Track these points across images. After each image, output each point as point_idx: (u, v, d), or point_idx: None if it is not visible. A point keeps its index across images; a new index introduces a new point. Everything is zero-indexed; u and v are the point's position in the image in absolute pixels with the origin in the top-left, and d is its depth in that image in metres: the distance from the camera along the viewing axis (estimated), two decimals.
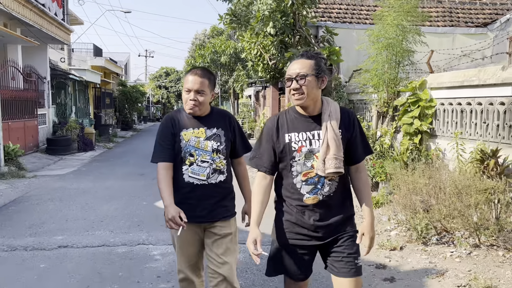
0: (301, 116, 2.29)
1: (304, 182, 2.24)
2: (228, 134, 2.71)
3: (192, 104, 2.58)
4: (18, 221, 5.95)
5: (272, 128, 2.32)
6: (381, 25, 7.89)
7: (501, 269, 4.03)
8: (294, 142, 2.26)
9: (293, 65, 2.25)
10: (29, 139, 12.78)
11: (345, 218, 2.32)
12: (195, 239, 2.69)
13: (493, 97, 5.85)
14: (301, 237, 2.29)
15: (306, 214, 2.27)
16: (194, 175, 2.62)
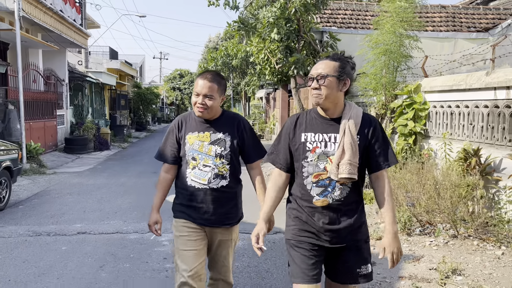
0: (321, 117, 2.28)
1: (314, 184, 2.22)
2: (235, 139, 2.67)
3: (200, 108, 2.59)
4: (41, 211, 6.55)
5: (290, 126, 2.32)
6: (379, 32, 8.34)
7: (472, 255, 4.46)
8: (310, 142, 2.24)
9: (317, 65, 2.25)
10: (48, 138, 13.49)
11: (355, 225, 2.27)
12: (196, 237, 2.67)
13: (478, 100, 6.27)
14: (310, 235, 2.27)
15: (315, 216, 2.24)
16: (196, 179, 2.63)
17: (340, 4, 13.46)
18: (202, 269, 2.62)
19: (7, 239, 5.13)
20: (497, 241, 4.80)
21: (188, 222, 2.66)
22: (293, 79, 10.74)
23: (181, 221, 2.68)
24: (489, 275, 3.97)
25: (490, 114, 5.98)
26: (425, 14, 13.32)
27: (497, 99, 5.84)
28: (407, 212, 5.23)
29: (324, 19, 12.46)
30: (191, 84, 58.91)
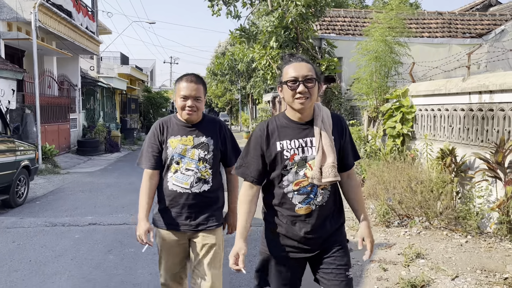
0: (292, 122, 2.19)
1: (296, 191, 2.14)
2: (218, 143, 2.67)
3: (190, 111, 2.56)
4: (56, 206, 7.21)
5: (261, 136, 2.19)
6: (369, 39, 8.89)
7: (438, 243, 4.99)
8: (286, 150, 2.14)
9: (297, 67, 2.12)
10: (62, 141, 14.23)
11: (336, 228, 2.24)
12: (178, 248, 2.66)
13: (456, 104, 6.78)
14: (291, 250, 2.20)
15: (297, 225, 2.16)
16: (177, 183, 2.59)
17: (339, 11, 14.02)
18: (183, 272, 2.71)
19: (26, 228, 5.77)
20: (464, 231, 5.31)
21: (169, 232, 2.63)
22: None
23: (162, 232, 2.66)
24: (448, 258, 4.50)
25: (465, 116, 6.49)
26: (421, 21, 13.82)
27: (471, 103, 6.35)
28: (385, 206, 5.76)
29: (323, 26, 13.02)
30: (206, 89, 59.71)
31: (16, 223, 5.99)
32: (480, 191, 5.65)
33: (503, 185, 5.15)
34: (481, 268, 4.24)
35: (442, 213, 5.40)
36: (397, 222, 5.88)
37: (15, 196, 7.04)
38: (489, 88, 5.92)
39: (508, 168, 5.21)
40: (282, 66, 2.22)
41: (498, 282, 3.91)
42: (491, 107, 5.92)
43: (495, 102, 5.84)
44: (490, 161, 5.31)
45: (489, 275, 4.08)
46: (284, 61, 2.24)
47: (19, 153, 7.18)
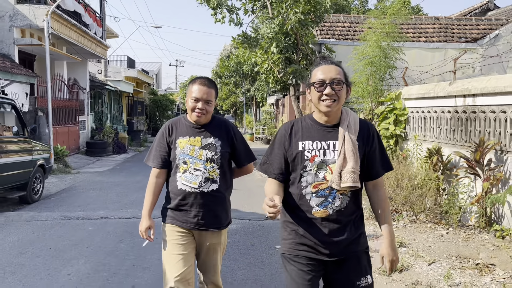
0: (318, 124, 2.18)
1: (314, 194, 2.12)
2: (225, 144, 2.72)
3: (199, 113, 2.63)
4: (69, 202, 7.72)
5: (285, 135, 2.21)
6: (365, 45, 9.35)
7: (421, 234, 5.43)
8: (308, 151, 2.14)
9: (326, 69, 2.13)
10: (72, 142, 14.78)
11: (355, 236, 2.18)
12: (184, 243, 2.69)
13: (443, 106, 7.23)
14: (308, 249, 2.16)
15: (314, 228, 2.14)
16: (186, 182, 2.66)
17: (339, 17, 14.49)
18: (190, 273, 2.65)
19: (44, 221, 6.28)
20: (447, 224, 5.75)
21: (176, 227, 2.69)
22: (292, 87, 11.78)
23: (170, 226, 2.71)
24: (428, 247, 4.94)
25: (452, 118, 6.94)
26: (419, 26, 14.25)
27: (457, 105, 6.80)
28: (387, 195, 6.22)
29: (323, 32, 13.49)
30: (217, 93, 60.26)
31: (34, 217, 6.50)
32: (463, 187, 6.11)
33: (482, 182, 5.60)
34: (456, 255, 4.69)
35: (428, 208, 5.84)
36: None
37: (32, 193, 7.55)
38: (471, 92, 6.37)
39: (487, 165, 5.66)
40: (312, 69, 2.20)
41: (470, 267, 4.35)
42: (474, 109, 6.36)
43: (477, 104, 6.29)
44: (470, 159, 5.76)
45: (463, 261, 4.53)
46: (314, 63, 2.22)
47: (35, 152, 7.69)
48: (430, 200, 6.26)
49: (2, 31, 11.69)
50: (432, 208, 6.09)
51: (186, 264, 2.63)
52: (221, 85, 29.55)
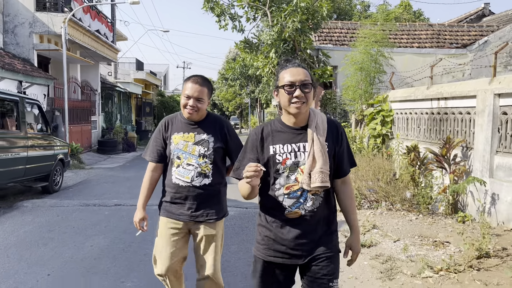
0: (287, 127, 2.20)
1: (286, 195, 2.16)
2: (218, 140, 2.79)
3: (190, 110, 2.71)
4: (86, 193, 8.61)
5: (256, 139, 2.23)
6: (356, 52, 10.17)
7: (393, 219, 6.23)
8: (279, 154, 2.17)
9: (294, 71, 2.15)
10: (84, 140, 15.71)
11: (327, 235, 2.23)
12: (177, 238, 2.80)
13: (422, 108, 8.02)
14: (280, 255, 2.20)
15: (286, 229, 2.17)
16: (180, 176, 2.76)
17: (337, 23, 15.30)
18: (178, 265, 2.82)
19: (66, 207, 7.16)
20: (418, 211, 6.55)
21: (171, 220, 2.81)
22: None
23: (165, 219, 2.84)
24: (396, 229, 5.75)
25: (429, 119, 7.74)
26: (413, 32, 15.03)
27: (433, 107, 7.60)
28: (355, 191, 7.03)
29: (321, 37, 14.32)
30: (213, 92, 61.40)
31: (57, 203, 7.39)
32: (435, 180, 6.90)
33: (448, 174, 6.40)
34: (419, 235, 5.48)
35: (404, 198, 6.64)
36: (367, 205, 7.13)
37: (53, 184, 8.44)
38: (443, 95, 7.18)
39: (453, 160, 6.45)
40: (278, 71, 2.23)
41: (428, 244, 5.15)
42: (445, 111, 7.16)
43: (448, 107, 7.09)
44: (438, 155, 6.55)
45: (423, 239, 5.32)
46: (280, 66, 2.25)
47: (56, 148, 8.58)
48: (408, 192, 7.06)
49: (22, 37, 12.66)
50: (409, 198, 6.89)
51: (173, 258, 2.78)
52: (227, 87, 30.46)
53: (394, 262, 4.59)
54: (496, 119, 5.82)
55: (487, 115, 5.92)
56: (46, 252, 4.85)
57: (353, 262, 2.40)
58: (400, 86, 11.01)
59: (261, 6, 11.63)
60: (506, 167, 5.64)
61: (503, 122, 5.72)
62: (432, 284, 4.00)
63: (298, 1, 10.85)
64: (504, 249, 4.76)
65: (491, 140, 5.85)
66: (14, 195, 8.15)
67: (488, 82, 6.06)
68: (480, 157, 6.06)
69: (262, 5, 11.63)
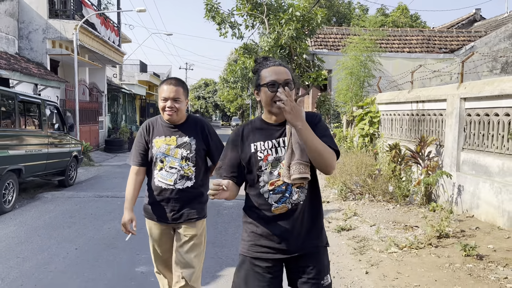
0: (267, 124, 2.22)
1: (271, 191, 2.16)
2: (200, 142, 2.81)
3: (169, 111, 2.72)
4: (98, 186, 9.44)
5: (237, 139, 2.25)
6: (347, 57, 10.98)
7: (372, 208, 7.04)
8: (260, 151, 2.18)
9: (276, 70, 2.14)
10: (92, 140, 16.55)
11: (314, 230, 2.22)
12: (165, 237, 2.88)
13: (404, 110, 8.83)
14: (266, 250, 2.19)
15: (273, 225, 2.18)
16: (162, 179, 2.78)
17: (332, 29, 16.10)
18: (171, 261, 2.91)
19: (82, 198, 8.00)
20: (396, 202, 7.35)
21: (155, 223, 2.89)
22: None
23: (150, 222, 2.93)
24: (374, 216, 6.56)
25: (409, 120, 8.55)
26: (404, 37, 15.83)
27: (413, 109, 8.40)
28: (340, 185, 7.85)
29: (317, 42, 15.12)
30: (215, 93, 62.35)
31: (74, 195, 8.23)
32: (413, 174, 7.70)
33: (422, 169, 7.21)
34: (393, 221, 6.29)
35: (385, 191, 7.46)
36: (352, 197, 7.95)
37: (68, 178, 9.28)
38: (421, 98, 7.99)
39: (426, 156, 7.26)
40: (258, 69, 2.20)
41: (399, 228, 5.96)
42: (423, 112, 7.97)
43: (425, 109, 7.90)
44: (414, 152, 7.36)
45: (396, 224, 6.13)
46: (259, 64, 2.23)
47: (71, 146, 9.42)
48: (390, 186, 7.87)
49: (36, 42, 13.52)
50: (390, 192, 7.69)
51: (165, 255, 2.93)
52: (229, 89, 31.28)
53: (367, 241, 5.41)
54: (462, 120, 6.63)
55: (455, 116, 6.72)
56: (71, 233, 5.68)
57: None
58: (390, 89, 11.81)
59: (259, 15, 12.45)
60: (470, 162, 6.44)
61: (468, 122, 6.52)
62: (395, 257, 4.81)
63: (294, 10, 11.68)
64: (463, 231, 5.57)
65: (458, 138, 6.66)
66: (33, 188, 8.99)
67: (456, 88, 6.87)
68: (449, 153, 6.87)
69: (260, 13, 12.45)
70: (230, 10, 12.53)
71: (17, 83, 10.74)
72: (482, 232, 5.50)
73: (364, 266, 4.57)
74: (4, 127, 6.86)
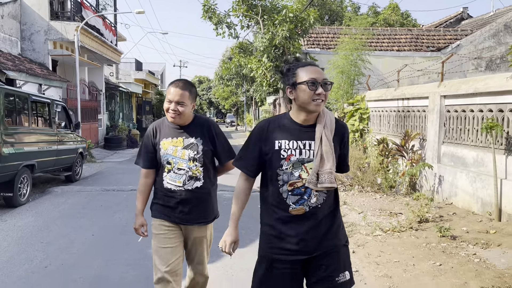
0: (295, 123, 2.19)
1: (290, 192, 2.14)
2: (207, 143, 2.81)
3: (172, 114, 2.72)
4: (103, 181, 9.96)
5: (262, 133, 2.24)
6: (337, 56, 11.55)
7: (361, 198, 7.62)
8: (284, 149, 2.15)
9: (316, 70, 2.15)
10: (92, 137, 17.02)
11: (332, 231, 2.21)
12: (172, 235, 2.83)
13: (391, 107, 9.42)
14: (284, 252, 2.17)
15: (290, 226, 2.16)
16: (171, 181, 2.78)
17: (324, 29, 16.66)
18: (178, 265, 2.79)
19: (90, 192, 8.52)
20: (383, 192, 7.94)
21: (165, 221, 2.83)
22: (282, 90, 14.00)
23: (159, 220, 2.85)
24: (362, 205, 7.14)
25: (396, 116, 9.14)
26: (393, 36, 16.42)
27: (399, 106, 8.99)
28: None
29: (310, 42, 15.68)
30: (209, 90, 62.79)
31: (81, 189, 8.75)
32: (399, 166, 8.30)
33: (407, 161, 7.80)
34: (379, 209, 6.88)
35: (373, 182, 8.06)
36: (343, 189, 8.53)
37: (74, 174, 9.78)
38: (406, 96, 8.57)
39: (410, 149, 7.85)
40: (291, 68, 2.19)
41: (384, 214, 6.54)
42: (408, 109, 8.56)
43: (410, 105, 8.48)
44: (399, 145, 7.95)
45: (382, 212, 6.72)
46: (291, 64, 2.23)
47: (77, 143, 9.92)
48: (378, 178, 8.46)
49: (38, 43, 13.97)
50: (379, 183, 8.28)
51: (174, 256, 2.78)
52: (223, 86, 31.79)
53: (355, 226, 5.98)
54: (443, 116, 7.22)
55: (436, 112, 7.31)
56: (85, 222, 6.22)
57: None
58: (380, 86, 12.40)
59: (254, 16, 12.98)
60: (449, 154, 7.04)
61: (447, 118, 7.12)
62: (379, 239, 5.39)
63: (287, 11, 12.22)
64: (441, 216, 6.17)
65: (439, 132, 7.25)
66: (42, 183, 9.49)
67: (437, 86, 7.45)
68: (431, 146, 7.46)
69: (255, 14, 12.97)
70: (227, 11, 13.05)
71: (23, 84, 11.20)
72: (458, 217, 6.10)
73: (352, 247, 5.12)
74: (20, 126, 7.36)
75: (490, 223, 5.63)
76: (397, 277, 4.18)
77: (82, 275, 4.20)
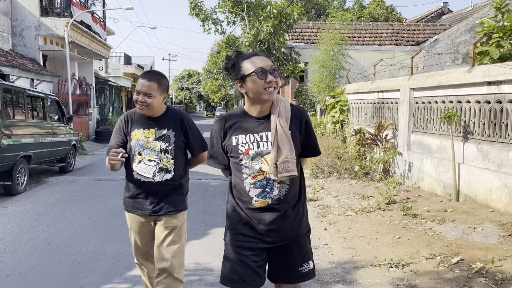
0: (250, 116, 2.20)
1: (252, 185, 2.17)
2: (179, 135, 2.79)
3: (140, 105, 2.70)
4: (95, 172, 10.44)
5: (220, 131, 2.25)
6: (319, 51, 12.10)
7: (338, 184, 8.21)
8: (241, 145, 2.17)
9: (261, 59, 2.14)
10: (83, 131, 17.40)
11: (296, 221, 2.24)
12: (145, 229, 2.86)
13: (368, 99, 10.01)
14: (248, 239, 2.21)
15: (255, 218, 2.19)
16: (141, 172, 2.76)
17: (308, 24, 17.19)
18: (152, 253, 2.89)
19: (83, 181, 9.00)
20: (358, 178, 8.54)
21: (136, 215, 2.85)
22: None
23: (130, 215, 2.90)
24: (338, 189, 7.73)
25: (372, 107, 9.73)
26: (375, 31, 17.00)
27: (375, 98, 9.58)
28: (311, 164, 9.01)
29: (294, 36, 16.20)
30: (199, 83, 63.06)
31: (75, 179, 9.23)
32: (374, 154, 8.90)
33: (380, 150, 8.40)
34: (353, 193, 7.47)
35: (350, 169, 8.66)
36: (322, 176, 9.12)
37: (68, 165, 10.24)
38: (381, 89, 9.16)
39: (384, 139, 8.45)
40: (236, 63, 2.18)
41: (357, 198, 7.14)
42: (383, 101, 9.15)
43: (384, 98, 9.07)
44: (373, 135, 8.54)
45: (355, 195, 7.31)
46: (235, 59, 2.20)
47: (70, 135, 10.37)
48: (356, 166, 9.06)
49: (29, 39, 14.30)
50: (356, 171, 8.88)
51: (146, 247, 2.93)
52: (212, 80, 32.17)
53: (329, 208, 6.57)
54: (412, 107, 7.82)
55: (406, 104, 7.91)
56: (81, 207, 6.72)
57: None
58: (361, 79, 12.98)
59: (239, 12, 13.46)
60: (418, 142, 7.65)
61: (416, 109, 7.71)
62: (350, 218, 5.98)
63: (271, 8, 12.72)
64: (408, 199, 6.78)
65: (409, 122, 7.85)
66: (37, 174, 9.94)
67: (407, 80, 8.04)
68: (402, 135, 8.06)
69: (240, 11, 13.45)
70: (213, 8, 13.51)
71: (16, 79, 11.58)
72: (422, 199, 6.72)
73: (324, 225, 5.73)
74: (17, 119, 7.81)
75: (449, 203, 6.26)
76: (360, 248, 4.77)
77: (82, 250, 4.72)
